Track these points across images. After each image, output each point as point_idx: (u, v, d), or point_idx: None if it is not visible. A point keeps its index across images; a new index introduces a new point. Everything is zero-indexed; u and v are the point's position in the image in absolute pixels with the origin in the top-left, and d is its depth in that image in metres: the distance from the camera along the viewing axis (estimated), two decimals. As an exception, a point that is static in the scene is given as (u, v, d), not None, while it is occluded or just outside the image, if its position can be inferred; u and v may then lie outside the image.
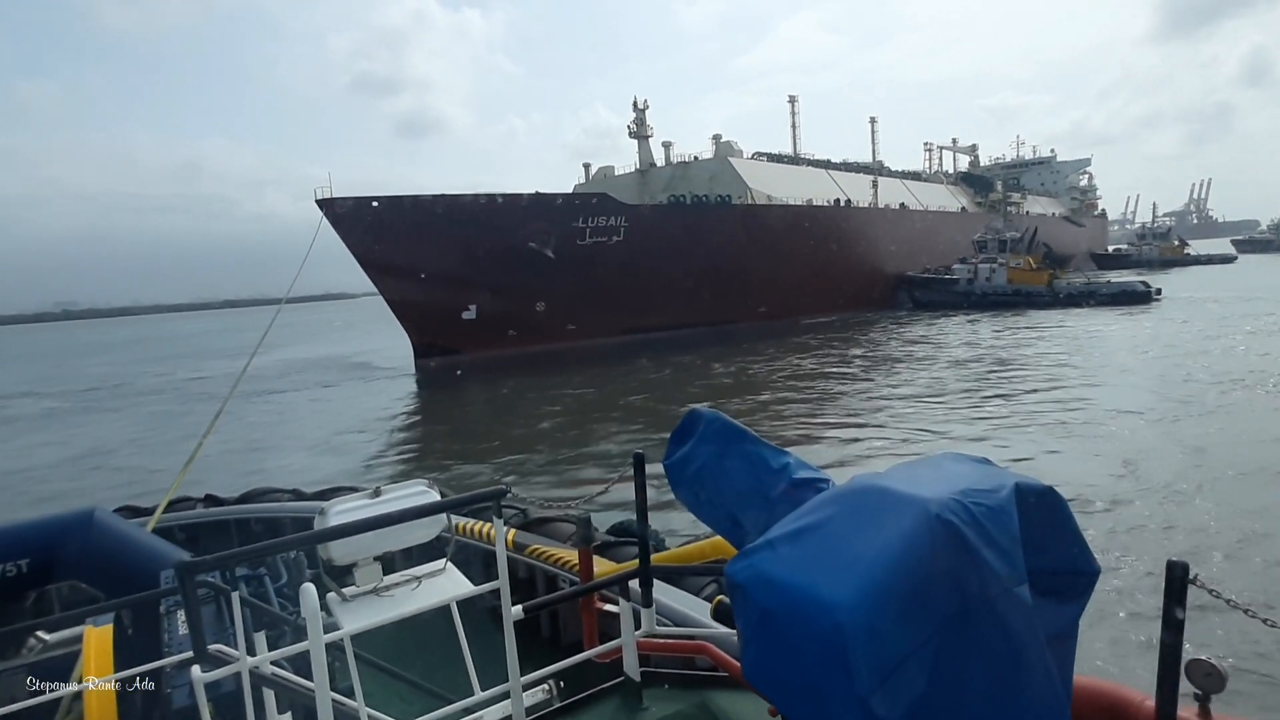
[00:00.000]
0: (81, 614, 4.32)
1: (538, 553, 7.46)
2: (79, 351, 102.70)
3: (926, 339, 39.78)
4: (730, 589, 1.78)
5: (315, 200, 37.82)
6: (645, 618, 3.82)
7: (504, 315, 42.45)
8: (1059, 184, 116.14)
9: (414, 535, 3.43)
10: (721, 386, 29.09)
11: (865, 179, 70.78)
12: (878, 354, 35.21)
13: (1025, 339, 36.47)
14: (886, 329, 46.20)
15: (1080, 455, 15.67)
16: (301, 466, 20.36)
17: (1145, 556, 10.09)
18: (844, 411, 22.34)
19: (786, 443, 17.33)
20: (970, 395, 23.00)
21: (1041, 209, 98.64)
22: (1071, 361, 28.10)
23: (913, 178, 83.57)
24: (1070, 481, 13.22)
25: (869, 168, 76.02)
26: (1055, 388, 23.10)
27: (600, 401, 27.48)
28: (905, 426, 19.47)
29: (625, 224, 45.54)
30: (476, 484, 17.26)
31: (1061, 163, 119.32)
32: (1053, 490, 1.76)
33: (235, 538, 9.99)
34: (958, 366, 29.10)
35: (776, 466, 2.54)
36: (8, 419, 35.71)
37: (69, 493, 19.10)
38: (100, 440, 27.41)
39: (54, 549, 4.90)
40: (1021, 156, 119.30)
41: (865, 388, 26.37)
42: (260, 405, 32.81)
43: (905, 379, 27.18)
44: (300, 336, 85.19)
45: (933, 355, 33.18)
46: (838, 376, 29.20)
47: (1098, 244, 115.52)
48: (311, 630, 2.67)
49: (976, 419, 19.71)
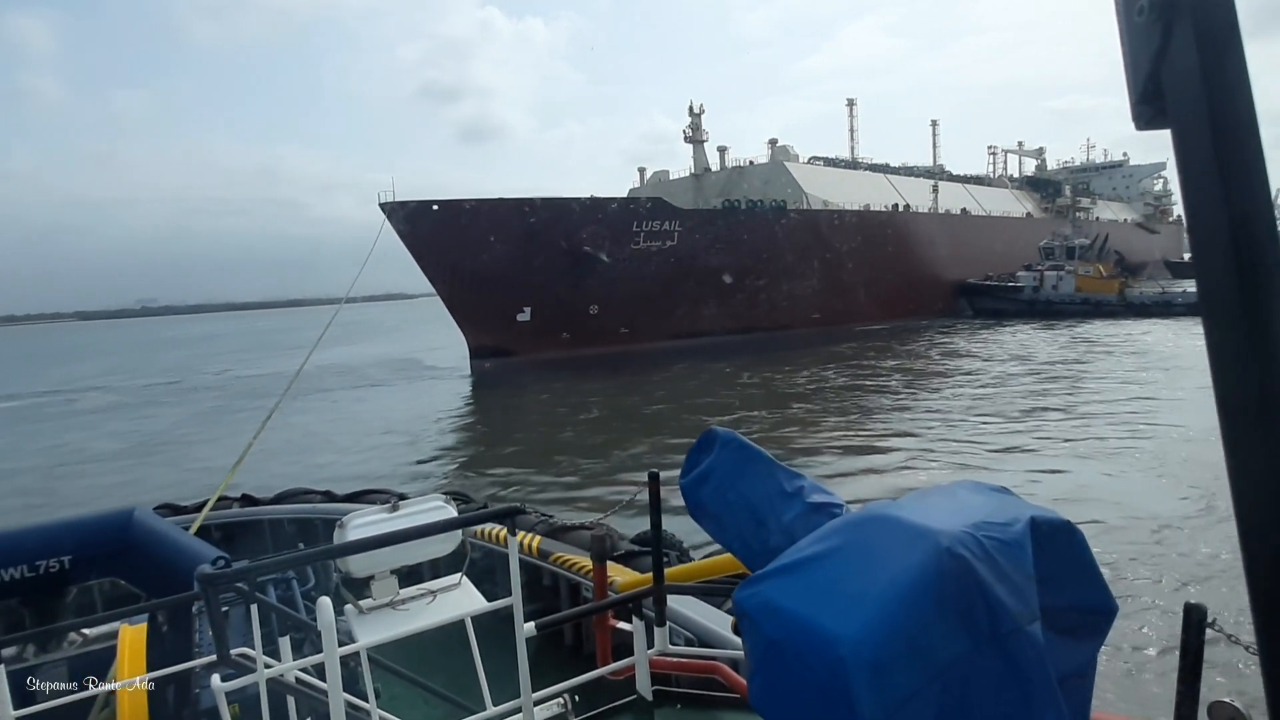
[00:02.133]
0: (117, 615, 4.46)
1: (562, 560, 7.50)
2: (152, 347, 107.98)
3: (969, 352, 38.62)
4: (738, 615, 1.77)
5: (379, 204, 38.94)
6: (659, 636, 3.79)
7: (558, 318, 42.91)
8: (1132, 189, 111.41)
9: (430, 550, 3.50)
10: (750, 397, 28.74)
11: (925, 184, 69.15)
12: (919, 366, 34.26)
13: (1092, 351, 35.08)
14: (939, 338, 45.09)
15: (1146, 485, 14.98)
16: (353, 465, 20.97)
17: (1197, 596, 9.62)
18: (883, 429, 21.80)
19: (797, 458, 17.15)
20: (1030, 413, 22.19)
21: (1113, 215, 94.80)
22: (1140, 377, 26.79)
23: (975, 182, 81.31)
24: (1130, 514, 12.71)
25: (929, 172, 74.35)
26: (1124, 406, 22.14)
27: (637, 409, 27.53)
28: (938, 445, 18.81)
29: (678, 228, 45.55)
30: (516, 484, 17.54)
31: (1135, 167, 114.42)
32: (1070, 524, 1.71)
33: (269, 537, 10.25)
34: (1008, 381, 28.08)
35: (791, 490, 2.52)
36: (77, 411, 37.82)
37: (115, 486, 20.01)
38: (152, 434, 28.57)
39: (95, 546, 5.03)
40: (1092, 160, 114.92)
41: (897, 402, 25.62)
42: (314, 404, 33.81)
43: (948, 393, 26.45)
44: (359, 335, 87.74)
45: (981, 368, 32.18)
46: (873, 389, 28.49)
47: (1173, 251, 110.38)
48: (326, 643, 2.74)
49: (1035, 437, 18.94)
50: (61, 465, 23.95)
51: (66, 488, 20.59)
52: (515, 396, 33.78)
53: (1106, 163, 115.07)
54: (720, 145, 62.46)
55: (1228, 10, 0.71)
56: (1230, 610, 8.93)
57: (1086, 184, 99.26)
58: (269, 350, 75.80)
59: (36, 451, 26.85)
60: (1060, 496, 13.78)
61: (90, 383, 52.46)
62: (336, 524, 3.53)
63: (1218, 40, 0.70)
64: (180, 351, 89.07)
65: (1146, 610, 9.20)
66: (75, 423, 33.76)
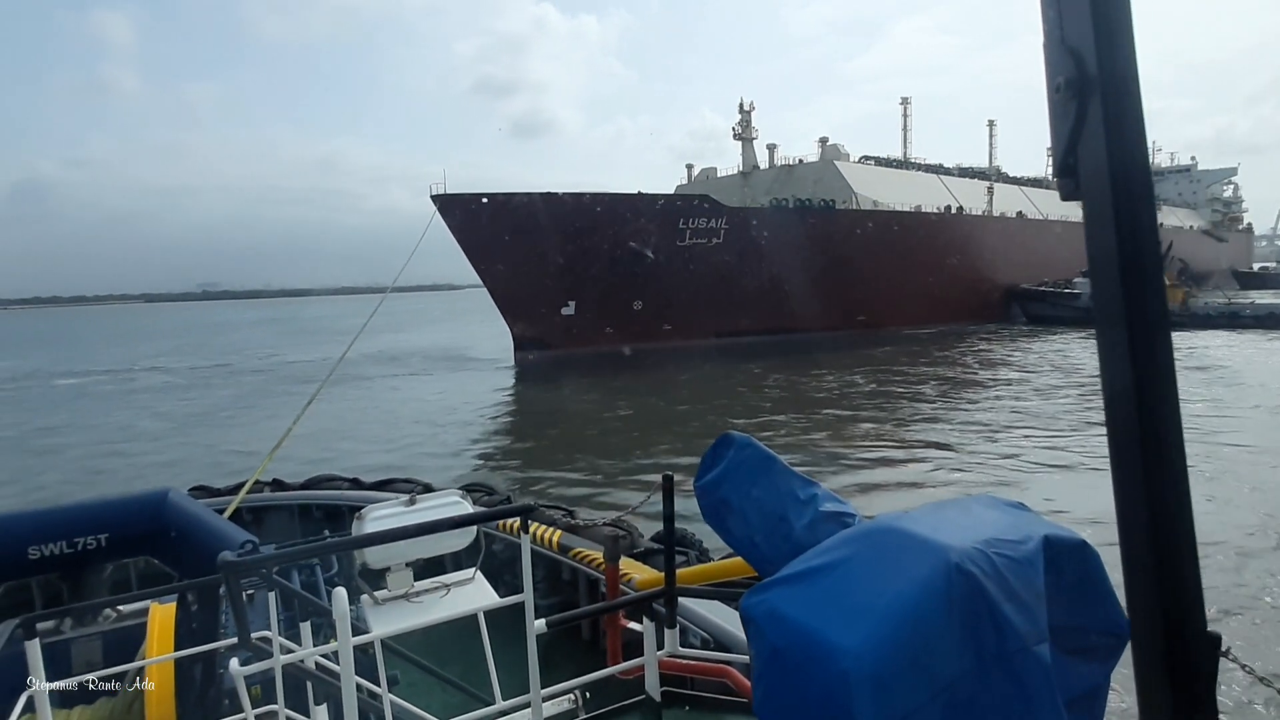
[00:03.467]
0: (148, 594, 4.63)
1: (582, 556, 7.59)
2: (210, 330, 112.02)
3: (1010, 360, 37.50)
4: (744, 623, 1.77)
5: (430, 196, 39.66)
6: (669, 637, 3.81)
7: (602, 312, 43.15)
8: (1199, 195, 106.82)
9: (445, 544, 3.61)
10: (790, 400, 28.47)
11: (980, 185, 67.51)
12: (956, 374, 33.35)
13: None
14: (984, 344, 43.99)
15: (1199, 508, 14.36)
16: (385, 454, 21.42)
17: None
18: (919, 439, 21.38)
19: (836, 464, 16.92)
20: (1076, 428, 21.50)
21: (1178, 221, 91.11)
22: (1201, 394, 25.44)
23: (1033, 184, 78.96)
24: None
25: (985, 173, 72.52)
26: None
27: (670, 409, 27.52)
28: (975, 458, 18.30)
29: (725, 226, 45.34)
30: (545, 478, 17.71)
31: (1203, 172, 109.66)
32: (1086, 544, 1.68)
33: (298, 522, 10.53)
34: (1050, 394, 27.22)
35: (804, 497, 2.52)
36: (133, 389, 39.40)
37: (154, 466, 20.66)
38: (196, 416, 29.43)
39: (131, 526, 5.24)
40: (1158, 164, 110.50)
41: (934, 411, 24.94)
42: (355, 390, 34.49)
43: (988, 402, 25.76)
44: (409, 323, 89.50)
45: (1025, 377, 31.30)
46: (916, 397, 27.94)
47: (1241, 261, 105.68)
48: (340, 632, 2.83)
49: (1080, 453, 18.25)
50: (107, 443, 24.83)
51: (109, 465, 21.33)
52: (554, 390, 34.08)
53: (1173, 167, 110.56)
54: (769, 143, 61.92)
55: (1134, 93, 0.77)
56: (1261, 639, 8.63)
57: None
58: (319, 336, 77.87)
59: (85, 428, 27.95)
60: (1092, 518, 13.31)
61: (148, 363, 54.65)
62: (355, 515, 3.64)
63: (1124, 120, 0.76)
64: (235, 335, 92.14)
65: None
66: (128, 401, 35.05)
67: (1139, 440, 0.84)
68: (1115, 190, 0.77)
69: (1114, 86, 0.76)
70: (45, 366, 55.60)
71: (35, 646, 3.22)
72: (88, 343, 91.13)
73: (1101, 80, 0.76)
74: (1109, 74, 0.76)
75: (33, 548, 5.06)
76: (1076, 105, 0.78)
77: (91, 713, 4.20)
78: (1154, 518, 0.86)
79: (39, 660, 3.23)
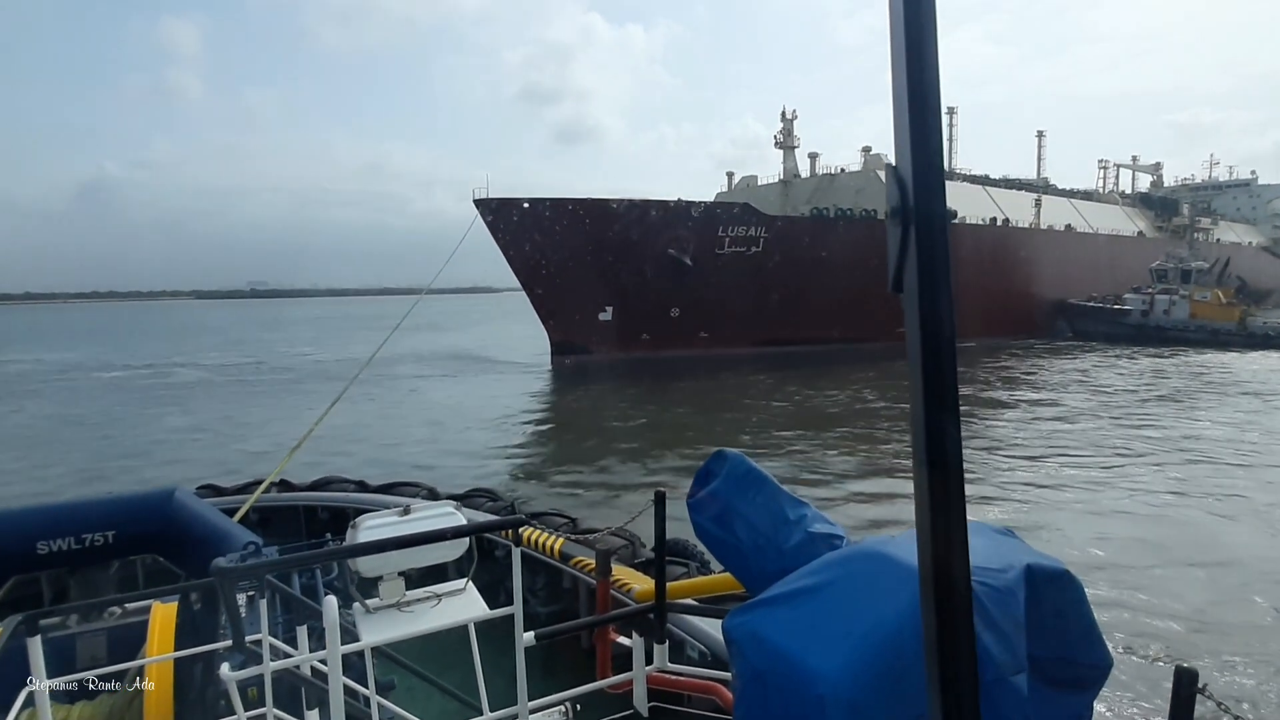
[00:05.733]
0: (151, 594, 4.69)
1: (582, 564, 7.60)
2: (253, 326, 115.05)
3: (1041, 379, 36.50)
4: (727, 643, 1.80)
5: (473, 200, 40.24)
6: (658, 653, 3.81)
7: (639, 319, 43.25)
8: (1259, 210, 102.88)
9: (437, 554, 3.59)
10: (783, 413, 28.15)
11: (1028, 197, 65.98)
12: (992, 394, 32.59)
13: (1202, 384, 32.66)
14: (1020, 360, 42.96)
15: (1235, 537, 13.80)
16: (411, 454, 21.67)
17: None
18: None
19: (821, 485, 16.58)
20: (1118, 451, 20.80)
21: (1236, 237, 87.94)
22: (1263, 421, 24.45)
23: (1083, 197, 76.99)
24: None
25: (1032, 185, 70.88)
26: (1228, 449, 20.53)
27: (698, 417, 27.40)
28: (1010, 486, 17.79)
29: (765, 235, 45.12)
30: (564, 484, 17.69)
31: (1263, 186, 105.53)
32: (1068, 573, 1.68)
33: (304, 522, 10.69)
34: (1085, 415, 26.40)
35: (794, 518, 2.53)
36: (168, 385, 40.23)
37: (169, 464, 20.71)
38: (222, 415, 29.61)
39: (138, 524, 5.32)
40: (1215, 178, 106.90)
41: (971, 430, 24.44)
42: (395, 391, 35.03)
43: (1016, 423, 25.05)
44: (450, 324, 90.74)
45: (1051, 397, 30.42)
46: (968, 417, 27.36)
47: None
48: (330, 641, 2.90)
49: (1127, 488, 17.55)
50: (130, 436, 25.26)
51: (126, 460, 21.47)
52: (587, 394, 34.22)
53: (1231, 181, 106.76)
54: (811, 152, 61.25)
55: (942, 225, 0.90)
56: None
57: (1207, 203, 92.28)
58: (363, 333, 79.45)
59: (113, 421, 28.59)
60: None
61: (188, 358, 56.14)
62: (350, 525, 3.69)
63: (933, 246, 0.89)
64: (277, 333, 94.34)
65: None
66: (161, 397, 35.68)
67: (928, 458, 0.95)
68: (922, 307, 0.90)
69: (927, 222, 0.89)
70: (89, 360, 57.46)
71: (37, 644, 3.27)
72: (137, 336, 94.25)
73: (917, 213, 0.89)
74: (924, 208, 0.89)
75: (41, 543, 5.19)
76: (900, 230, 0.90)
77: (92, 709, 4.26)
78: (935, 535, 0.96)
79: (40, 658, 3.29)
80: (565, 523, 9.06)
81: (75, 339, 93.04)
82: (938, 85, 0.90)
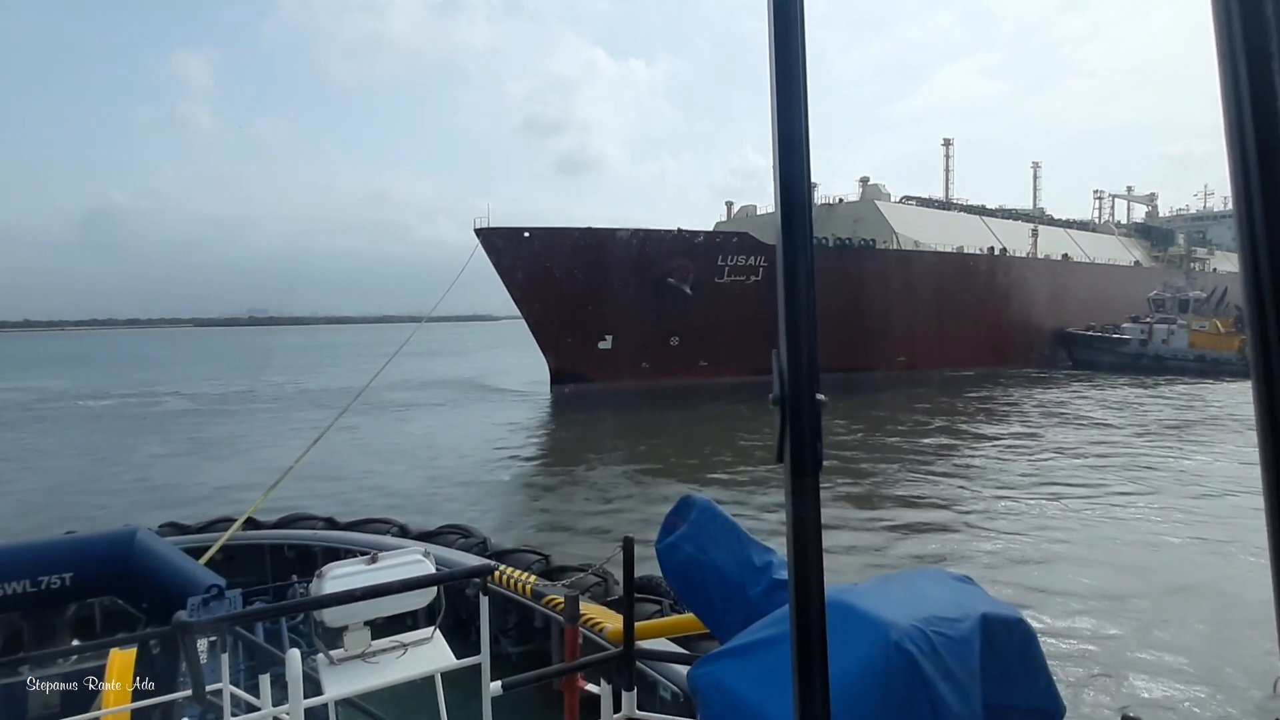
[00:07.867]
0: (108, 642, 4.53)
1: (554, 603, 7.42)
2: (247, 353, 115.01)
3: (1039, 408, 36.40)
4: (691, 693, 1.81)
5: (474, 229, 40.46)
6: (626, 700, 3.75)
7: (638, 347, 43.25)
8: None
9: (404, 604, 3.54)
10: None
11: (1024, 227, 66.54)
12: (968, 425, 32.36)
13: (1199, 417, 32.57)
14: (1016, 388, 42.90)
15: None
16: (431, 486, 21.47)
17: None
18: (924, 498, 20.82)
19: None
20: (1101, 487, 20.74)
21: (1232, 266, 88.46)
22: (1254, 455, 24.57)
23: (1079, 227, 77.65)
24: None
25: (1029, 215, 71.50)
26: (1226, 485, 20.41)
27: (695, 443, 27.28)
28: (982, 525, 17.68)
29: (764, 264, 45.32)
30: (549, 521, 17.43)
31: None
32: (1023, 622, 1.72)
33: (269, 562, 10.42)
34: (1069, 452, 26.26)
35: (759, 564, 2.53)
36: (155, 415, 39.58)
37: (140, 496, 20.22)
38: (204, 444, 29.07)
39: (96, 565, 5.10)
40: (1209, 208, 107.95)
41: (954, 466, 24.18)
42: (386, 421, 34.82)
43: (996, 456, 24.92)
44: (449, 351, 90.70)
45: (1041, 428, 30.29)
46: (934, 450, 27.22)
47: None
48: (292, 696, 2.83)
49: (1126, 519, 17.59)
50: (104, 468, 24.63)
51: (92, 497, 20.54)
52: (584, 423, 34.06)
53: (1226, 211, 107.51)
54: (810, 181, 61.85)
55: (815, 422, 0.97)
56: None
57: (1203, 233, 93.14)
58: (357, 361, 79.34)
59: (84, 452, 27.92)
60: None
61: (174, 387, 55.24)
62: (315, 574, 3.59)
63: (801, 436, 0.97)
64: (270, 359, 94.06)
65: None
66: (143, 426, 35.10)
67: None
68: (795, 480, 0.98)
69: (796, 403, 0.98)
70: (76, 387, 57.17)
71: None
72: (127, 364, 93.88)
73: (792, 398, 0.98)
74: (795, 398, 0.98)
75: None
76: (780, 415, 0.99)
77: None
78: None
79: None
80: (538, 560, 8.94)
81: (66, 365, 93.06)
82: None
